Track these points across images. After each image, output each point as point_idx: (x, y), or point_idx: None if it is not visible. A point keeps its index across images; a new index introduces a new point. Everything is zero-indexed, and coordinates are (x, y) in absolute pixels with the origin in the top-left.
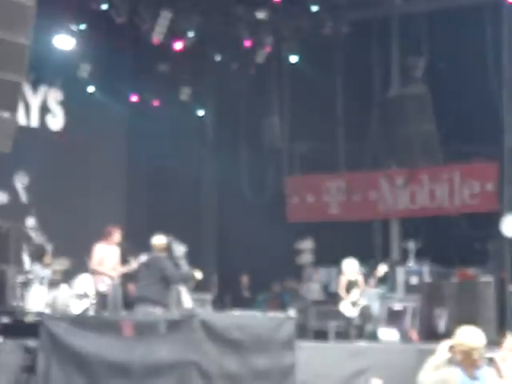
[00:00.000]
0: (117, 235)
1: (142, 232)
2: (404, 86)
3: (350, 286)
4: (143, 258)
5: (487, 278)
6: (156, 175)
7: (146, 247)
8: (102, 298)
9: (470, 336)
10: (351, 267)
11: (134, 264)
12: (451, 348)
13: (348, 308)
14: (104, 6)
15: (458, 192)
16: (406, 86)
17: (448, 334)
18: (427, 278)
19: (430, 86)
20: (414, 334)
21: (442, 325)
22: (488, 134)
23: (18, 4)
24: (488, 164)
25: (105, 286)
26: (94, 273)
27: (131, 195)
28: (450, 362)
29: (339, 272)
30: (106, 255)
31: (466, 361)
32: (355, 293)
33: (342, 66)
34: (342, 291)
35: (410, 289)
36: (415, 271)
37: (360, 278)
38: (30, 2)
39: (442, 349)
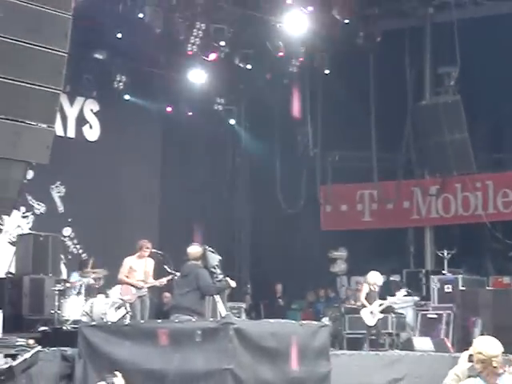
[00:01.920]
0: (147, 249)
1: (177, 242)
2: (436, 95)
3: (371, 296)
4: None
5: None
6: (190, 185)
7: (181, 256)
8: (129, 309)
9: (487, 345)
10: (375, 279)
11: (164, 279)
12: (470, 357)
13: (367, 316)
14: (140, 15)
15: (492, 200)
16: (439, 94)
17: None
18: (461, 287)
19: (463, 95)
20: (449, 343)
21: (476, 333)
22: None
23: (56, 15)
24: None
25: (131, 296)
26: (121, 283)
27: (166, 204)
28: (471, 371)
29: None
30: (136, 267)
31: (486, 370)
32: (376, 303)
33: (374, 75)
34: (363, 299)
35: (444, 297)
36: (449, 280)
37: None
38: (67, 13)
39: (463, 359)
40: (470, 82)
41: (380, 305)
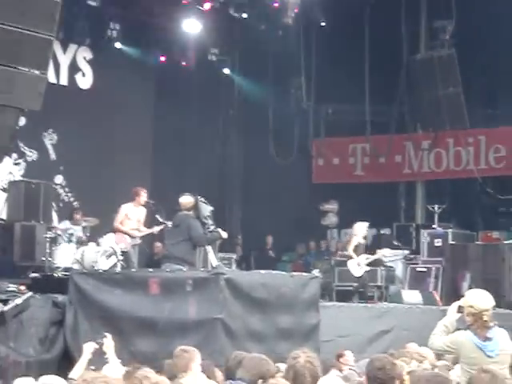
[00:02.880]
0: (143, 196)
1: (168, 191)
2: (431, 49)
3: (359, 248)
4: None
5: (511, 241)
6: (182, 135)
7: (172, 206)
8: (122, 256)
9: (479, 298)
10: (362, 230)
11: (157, 228)
12: (460, 308)
13: (354, 268)
14: None
15: (484, 155)
16: (434, 48)
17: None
18: (451, 241)
19: (458, 49)
20: (437, 296)
21: (465, 287)
22: None
23: None
24: None
25: (125, 244)
26: (115, 231)
27: (157, 154)
28: (460, 323)
29: None
30: (131, 215)
31: (477, 323)
32: (363, 256)
33: (369, 28)
34: (351, 251)
35: (433, 251)
36: (439, 234)
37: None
38: None
39: (451, 310)
40: (465, 37)
41: (367, 258)
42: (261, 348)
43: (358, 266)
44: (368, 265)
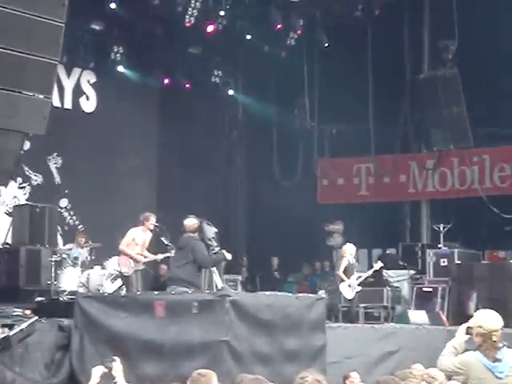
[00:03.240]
0: (152, 221)
1: (174, 213)
2: (434, 69)
3: (349, 269)
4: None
5: None
6: (187, 157)
7: (178, 228)
8: (125, 280)
9: (488, 319)
10: (351, 251)
11: (160, 256)
12: (468, 330)
13: (346, 290)
14: None
15: (489, 174)
16: (437, 68)
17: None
18: (457, 260)
19: (461, 69)
20: (444, 316)
21: (471, 307)
22: None
23: None
24: None
25: (128, 268)
26: (120, 253)
27: (163, 176)
28: (469, 344)
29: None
30: (138, 240)
31: (486, 343)
32: (353, 277)
33: (372, 48)
34: (341, 273)
35: (439, 271)
36: (445, 253)
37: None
38: None
39: (460, 332)
40: (468, 56)
41: (358, 278)
42: (267, 370)
43: (349, 287)
44: (359, 285)
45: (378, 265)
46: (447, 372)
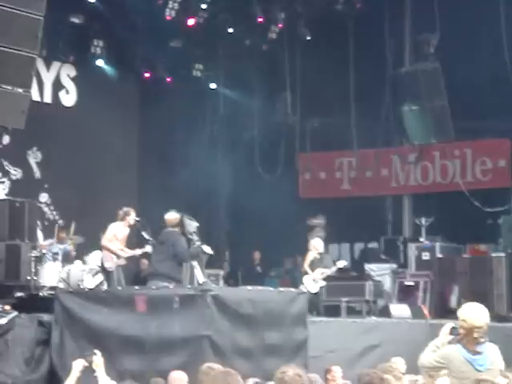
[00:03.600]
0: (133, 216)
1: (155, 208)
2: (416, 62)
3: (314, 263)
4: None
5: (499, 254)
6: (168, 151)
7: (159, 223)
8: (106, 275)
9: (473, 314)
10: (318, 245)
11: (138, 251)
12: (453, 330)
13: (310, 284)
14: None
15: (470, 168)
16: (418, 62)
17: (459, 310)
18: (439, 254)
19: (442, 62)
20: (426, 310)
21: (453, 300)
22: (500, 111)
23: None
24: (500, 140)
25: (111, 263)
26: (103, 249)
27: (143, 171)
28: (456, 343)
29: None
30: (119, 235)
31: (467, 337)
32: (318, 271)
33: (354, 42)
34: (306, 266)
35: (421, 265)
36: (427, 247)
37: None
38: None
39: (444, 331)
40: (449, 50)
41: (322, 273)
42: (249, 364)
43: (313, 281)
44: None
45: (341, 263)
46: (428, 368)
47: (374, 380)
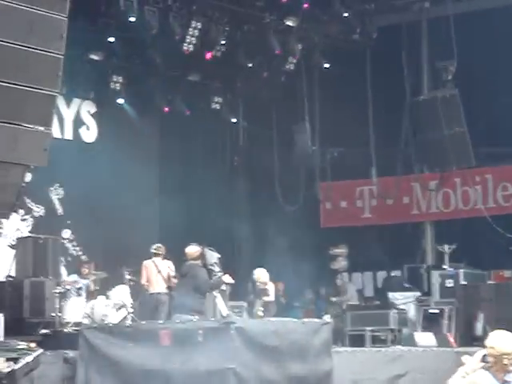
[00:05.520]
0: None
1: (177, 241)
2: (434, 90)
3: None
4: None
5: None
6: (188, 184)
7: (181, 257)
8: None
9: (501, 341)
10: (262, 276)
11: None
12: (484, 357)
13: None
14: (132, 18)
15: (492, 194)
16: (437, 89)
17: (485, 337)
18: (463, 281)
19: (460, 89)
20: (451, 338)
21: (479, 327)
22: None
23: (51, 17)
24: None
25: None
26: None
27: (164, 206)
28: (485, 370)
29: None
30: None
31: (496, 365)
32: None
33: (372, 71)
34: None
35: (445, 292)
36: (450, 274)
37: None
38: (62, 15)
39: (476, 358)
40: (467, 76)
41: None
42: None
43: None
44: (376, 308)
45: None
46: None
47: None
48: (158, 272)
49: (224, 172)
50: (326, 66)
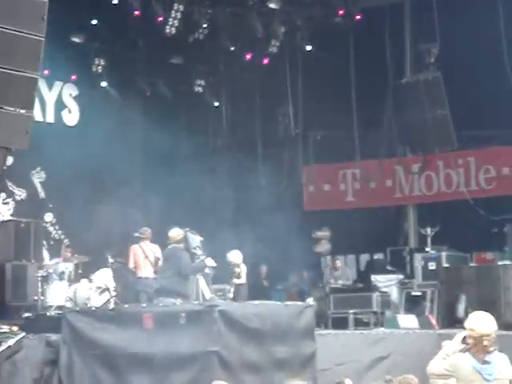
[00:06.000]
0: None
1: (159, 224)
2: (417, 72)
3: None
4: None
5: (505, 262)
6: (171, 167)
7: (164, 240)
8: None
9: (480, 322)
10: (235, 258)
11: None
12: (465, 339)
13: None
14: (115, 1)
15: (474, 177)
16: (419, 72)
17: (467, 319)
18: (445, 264)
19: (443, 72)
20: (433, 320)
21: (460, 309)
22: (502, 119)
23: (31, 0)
24: (503, 148)
25: None
26: None
27: (147, 188)
28: (465, 352)
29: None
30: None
31: (476, 347)
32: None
33: (354, 53)
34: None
35: (428, 274)
36: (433, 257)
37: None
38: None
39: (456, 340)
40: (449, 59)
41: None
42: (257, 379)
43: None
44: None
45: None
46: (436, 376)
47: None
48: (145, 257)
49: (207, 155)
50: (309, 48)
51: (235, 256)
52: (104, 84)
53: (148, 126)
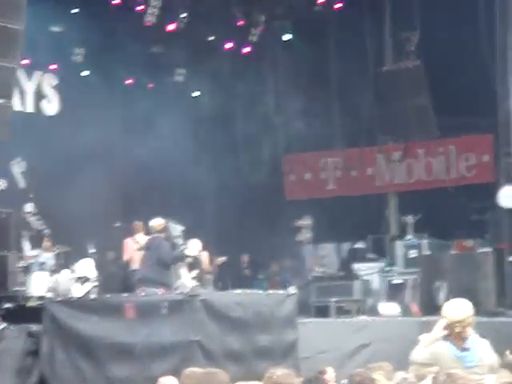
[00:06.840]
0: None
1: (140, 214)
2: (397, 61)
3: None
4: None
5: (485, 249)
6: (152, 157)
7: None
8: None
9: (452, 309)
10: (193, 248)
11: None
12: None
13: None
14: None
15: (455, 164)
16: (400, 60)
17: None
18: (426, 251)
19: (424, 60)
20: (415, 307)
21: (441, 297)
22: (482, 106)
23: None
24: (483, 136)
25: None
26: None
27: (128, 177)
28: (445, 340)
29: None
30: None
31: (453, 334)
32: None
33: (335, 42)
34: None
35: (409, 262)
36: (414, 245)
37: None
38: None
39: (438, 327)
40: (429, 47)
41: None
42: (239, 368)
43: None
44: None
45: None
46: (419, 364)
47: (365, 380)
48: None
49: (188, 144)
50: (289, 37)
51: (193, 245)
52: (85, 73)
53: (128, 115)
